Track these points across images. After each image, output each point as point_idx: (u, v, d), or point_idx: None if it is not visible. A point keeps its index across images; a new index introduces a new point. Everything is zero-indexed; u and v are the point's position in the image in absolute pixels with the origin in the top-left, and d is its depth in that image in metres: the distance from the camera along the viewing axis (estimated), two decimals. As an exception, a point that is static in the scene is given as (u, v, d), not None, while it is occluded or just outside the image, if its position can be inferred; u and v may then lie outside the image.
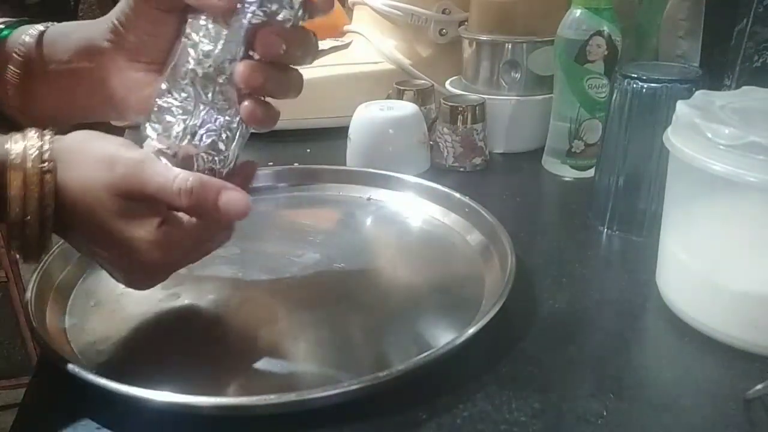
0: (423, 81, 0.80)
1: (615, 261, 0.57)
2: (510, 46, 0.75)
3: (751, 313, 0.42)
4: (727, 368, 0.42)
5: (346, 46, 0.91)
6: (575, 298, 0.50)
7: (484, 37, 0.76)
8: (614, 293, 0.51)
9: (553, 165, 0.73)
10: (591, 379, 0.41)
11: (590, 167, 0.67)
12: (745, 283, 0.42)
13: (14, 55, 0.45)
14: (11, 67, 0.45)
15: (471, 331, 0.41)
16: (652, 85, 0.54)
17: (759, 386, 0.38)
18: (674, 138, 0.45)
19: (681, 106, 0.45)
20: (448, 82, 0.83)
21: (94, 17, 0.49)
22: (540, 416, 0.38)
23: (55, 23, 0.47)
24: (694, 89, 0.49)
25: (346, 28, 0.93)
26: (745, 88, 0.48)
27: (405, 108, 0.72)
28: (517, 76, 0.76)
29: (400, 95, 0.78)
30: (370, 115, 0.70)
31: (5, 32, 0.47)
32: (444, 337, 0.43)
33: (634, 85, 0.54)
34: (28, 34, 0.46)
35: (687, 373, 0.42)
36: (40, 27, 0.46)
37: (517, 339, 0.45)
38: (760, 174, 0.38)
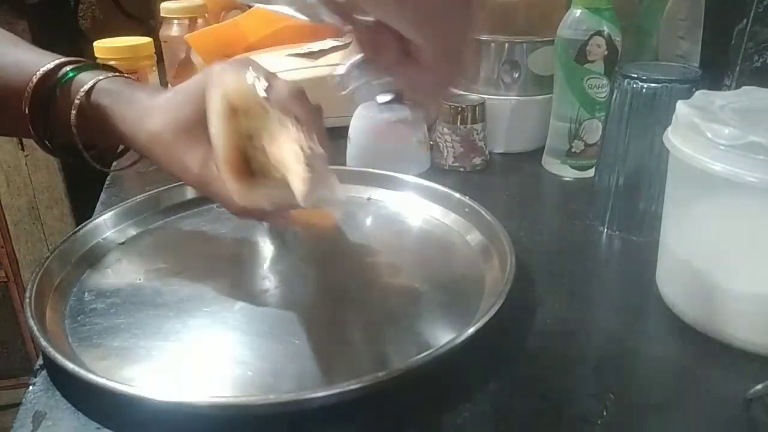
0: (423, 81, 0.80)
1: (615, 261, 0.57)
2: (510, 46, 0.75)
3: (751, 313, 0.42)
4: (727, 368, 0.42)
5: (346, 45, 0.91)
6: (575, 298, 0.50)
7: (484, 37, 0.76)
8: (614, 293, 0.51)
9: (553, 165, 0.73)
10: (591, 379, 0.41)
11: (590, 167, 0.67)
12: (745, 283, 0.42)
13: (76, 101, 0.48)
14: (73, 112, 0.48)
15: (471, 331, 0.41)
16: (652, 85, 0.54)
17: (759, 386, 0.38)
18: (674, 138, 0.45)
19: (681, 106, 0.45)
20: (448, 82, 0.83)
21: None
22: (540, 416, 0.38)
23: (118, 74, 0.50)
24: (694, 89, 0.49)
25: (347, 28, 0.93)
26: (745, 88, 0.48)
27: (405, 108, 0.72)
28: (517, 76, 0.76)
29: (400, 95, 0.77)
30: (370, 115, 0.70)
31: (70, 74, 0.49)
32: (444, 337, 0.43)
33: (634, 85, 0.54)
34: (89, 82, 0.48)
35: (687, 373, 0.42)
36: (99, 76, 0.49)
37: (517, 339, 0.45)
38: (760, 174, 0.38)
